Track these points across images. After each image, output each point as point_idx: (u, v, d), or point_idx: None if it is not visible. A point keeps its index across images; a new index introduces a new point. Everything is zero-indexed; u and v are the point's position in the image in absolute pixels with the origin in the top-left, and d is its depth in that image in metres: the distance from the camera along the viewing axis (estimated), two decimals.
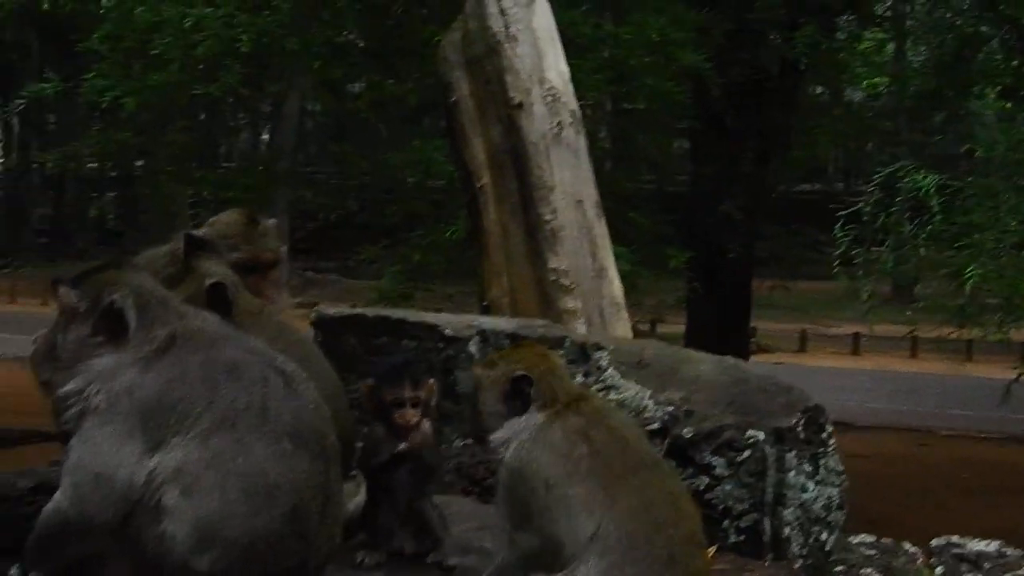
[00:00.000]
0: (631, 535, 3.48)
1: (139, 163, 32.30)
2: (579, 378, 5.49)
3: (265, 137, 35.67)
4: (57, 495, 3.34)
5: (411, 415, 3.99)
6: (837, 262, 13.73)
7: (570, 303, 8.45)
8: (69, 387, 3.39)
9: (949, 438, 18.60)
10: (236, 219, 4.67)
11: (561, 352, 5.45)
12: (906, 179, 12.72)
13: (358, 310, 6.32)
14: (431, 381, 4.10)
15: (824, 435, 5.62)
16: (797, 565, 5.37)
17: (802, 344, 26.09)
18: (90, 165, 39.11)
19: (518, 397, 3.74)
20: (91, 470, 3.27)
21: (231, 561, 3.22)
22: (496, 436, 3.78)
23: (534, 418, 3.71)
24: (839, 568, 5.75)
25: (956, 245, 12.78)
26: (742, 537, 5.42)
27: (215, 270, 4.21)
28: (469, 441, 5.45)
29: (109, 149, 19.04)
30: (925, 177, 12.55)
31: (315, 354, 4.30)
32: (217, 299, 4.04)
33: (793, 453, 5.49)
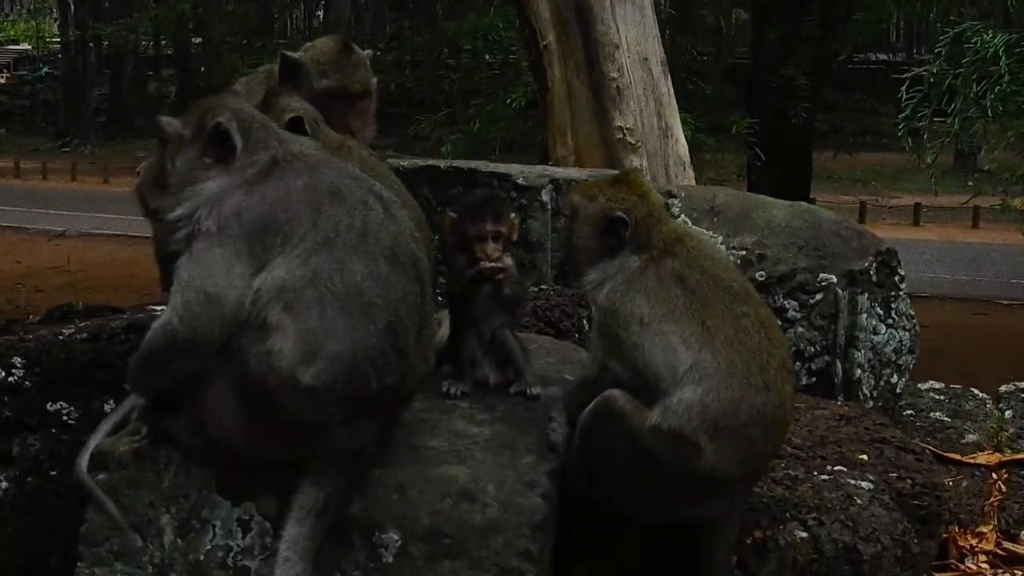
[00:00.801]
0: (729, 363, 3.53)
1: (196, 40, 32.27)
2: None
3: (320, 14, 35.45)
4: (167, 313, 3.41)
5: (492, 248, 4.03)
6: (902, 126, 13.55)
7: (635, 161, 8.47)
8: (179, 211, 3.46)
9: (1010, 307, 18.51)
10: (331, 46, 4.67)
11: None
12: (974, 39, 12.47)
13: (431, 161, 6.37)
14: (513, 216, 4.14)
15: (896, 279, 5.65)
16: (868, 406, 5.44)
17: (862, 215, 25.83)
18: (145, 41, 39.11)
19: (613, 237, 3.75)
20: (202, 290, 3.35)
21: (335, 374, 3.31)
22: (588, 278, 3.80)
23: (629, 262, 3.72)
24: (908, 411, 5.82)
25: None
26: (814, 379, 5.50)
27: (294, 105, 4.25)
28: (543, 286, 5.54)
29: (168, 19, 19.04)
30: (993, 37, 12.29)
31: (399, 187, 4.35)
32: (296, 133, 4.07)
33: (865, 296, 5.53)
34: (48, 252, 21.79)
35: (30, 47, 50.94)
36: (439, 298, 4.51)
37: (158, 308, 5.13)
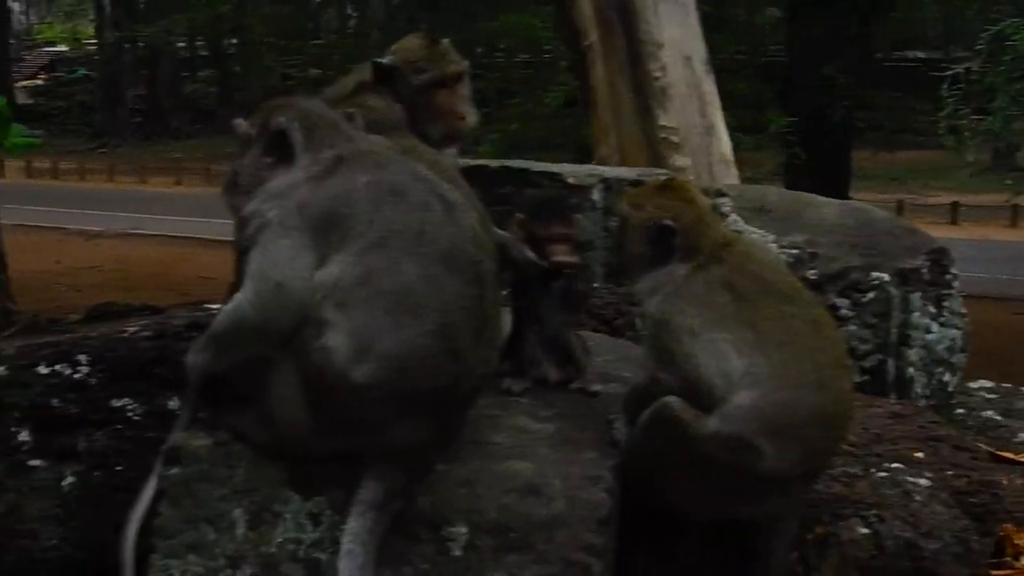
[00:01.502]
0: (780, 365, 3.56)
1: (232, 41, 32.46)
2: None
3: (355, 15, 35.61)
4: (239, 298, 3.49)
5: (559, 250, 4.05)
6: (943, 124, 13.52)
7: (679, 160, 8.50)
8: (249, 208, 3.57)
9: None
10: (417, 42, 4.69)
11: None
12: (1015, 36, 12.45)
13: (480, 161, 6.41)
14: (578, 217, 4.16)
15: (948, 276, 5.65)
16: (920, 405, 5.45)
17: (899, 213, 25.71)
18: (180, 44, 39.33)
19: (661, 245, 3.78)
20: (272, 279, 3.42)
21: (386, 373, 3.35)
22: (640, 286, 3.85)
23: (677, 270, 3.75)
24: (960, 410, 5.82)
25: None
26: (866, 378, 5.50)
27: (378, 104, 4.31)
28: (596, 285, 5.57)
29: (205, 20, 19.21)
30: None
31: (466, 189, 4.35)
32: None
33: (917, 294, 5.53)
34: (86, 252, 21.96)
35: (66, 49, 51.26)
36: None
37: (214, 306, 5.20)
